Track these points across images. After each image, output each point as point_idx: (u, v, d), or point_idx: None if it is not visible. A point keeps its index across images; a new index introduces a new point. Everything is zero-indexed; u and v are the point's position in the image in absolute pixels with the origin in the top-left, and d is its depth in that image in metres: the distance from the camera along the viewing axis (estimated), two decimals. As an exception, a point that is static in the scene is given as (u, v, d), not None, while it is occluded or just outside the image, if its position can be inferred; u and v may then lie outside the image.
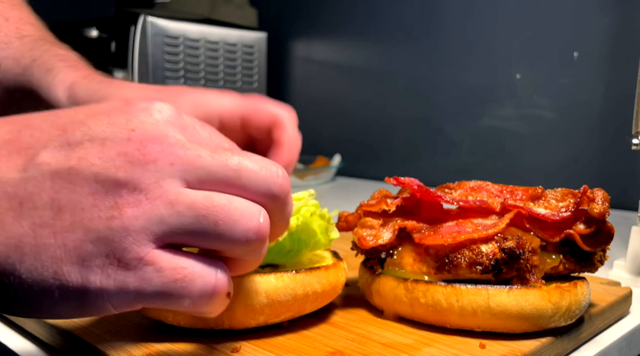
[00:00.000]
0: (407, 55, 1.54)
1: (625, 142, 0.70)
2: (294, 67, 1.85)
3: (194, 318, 0.45)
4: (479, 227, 0.50)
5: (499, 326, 0.47)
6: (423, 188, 0.54)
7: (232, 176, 0.33)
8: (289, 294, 0.46)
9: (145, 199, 0.31)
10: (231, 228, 0.32)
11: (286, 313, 0.47)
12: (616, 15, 1.18)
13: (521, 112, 1.34)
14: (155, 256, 0.31)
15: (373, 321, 0.51)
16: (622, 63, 1.17)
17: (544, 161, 1.31)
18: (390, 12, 1.56)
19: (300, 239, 0.49)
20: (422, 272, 0.50)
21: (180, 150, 0.32)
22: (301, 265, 0.51)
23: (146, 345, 0.45)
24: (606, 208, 0.49)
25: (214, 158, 0.33)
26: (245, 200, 0.33)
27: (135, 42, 1.41)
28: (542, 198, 0.52)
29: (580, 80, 1.24)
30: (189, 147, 0.33)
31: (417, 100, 1.53)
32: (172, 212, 0.31)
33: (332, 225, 0.51)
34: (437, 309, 0.48)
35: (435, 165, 1.49)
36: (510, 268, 0.48)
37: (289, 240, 0.48)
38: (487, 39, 1.38)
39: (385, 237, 0.52)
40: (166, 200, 0.31)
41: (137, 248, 0.30)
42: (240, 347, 0.45)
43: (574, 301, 0.48)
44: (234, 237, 0.32)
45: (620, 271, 0.71)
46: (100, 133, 0.32)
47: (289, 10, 1.84)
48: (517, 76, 1.33)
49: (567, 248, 0.50)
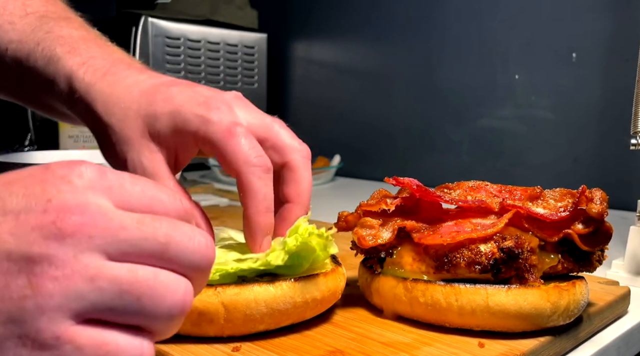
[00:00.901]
0: (407, 56, 1.54)
1: (624, 142, 0.71)
2: (294, 68, 1.85)
3: (194, 328, 0.45)
4: (477, 227, 0.50)
5: (498, 326, 0.48)
6: (422, 188, 0.54)
7: (158, 249, 0.31)
8: (289, 302, 0.46)
9: (62, 275, 0.28)
10: (156, 304, 0.30)
11: (286, 321, 0.47)
12: (615, 16, 1.18)
13: (520, 112, 1.34)
14: (74, 333, 0.29)
15: (373, 320, 0.52)
16: (621, 63, 1.17)
17: (543, 161, 1.31)
18: (390, 13, 1.57)
19: (300, 256, 0.48)
20: (422, 272, 0.51)
21: (102, 221, 0.30)
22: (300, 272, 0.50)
23: (147, 344, 0.45)
24: (604, 208, 0.49)
25: (140, 230, 0.30)
26: (171, 272, 0.31)
27: (137, 43, 1.41)
28: (540, 198, 0.52)
29: (579, 80, 1.24)
30: (112, 217, 0.30)
31: (416, 101, 1.53)
32: (93, 287, 0.29)
33: (330, 241, 0.50)
34: (436, 308, 0.48)
35: (434, 165, 1.50)
36: (509, 267, 0.48)
37: (289, 259, 0.47)
38: (487, 40, 1.38)
39: (385, 236, 0.52)
40: (85, 275, 0.29)
41: (52, 327, 0.28)
42: (240, 346, 0.45)
43: (572, 300, 0.48)
44: (157, 313, 0.30)
45: (619, 270, 0.71)
46: (15, 206, 0.29)
47: (289, 12, 1.84)
48: (516, 77, 1.34)
49: (565, 248, 0.51)
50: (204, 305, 0.44)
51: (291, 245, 0.46)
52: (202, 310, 0.44)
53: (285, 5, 1.85)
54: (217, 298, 0.44)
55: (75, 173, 0.31)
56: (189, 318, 0.44)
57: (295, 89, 1.85)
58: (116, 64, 0.52)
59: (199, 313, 0.44)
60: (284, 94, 1.87)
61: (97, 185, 0.31)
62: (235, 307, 0.44)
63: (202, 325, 0.45)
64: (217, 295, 0.44)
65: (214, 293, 0.44)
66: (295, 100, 1.85)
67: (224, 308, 0.44)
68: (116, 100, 0.49)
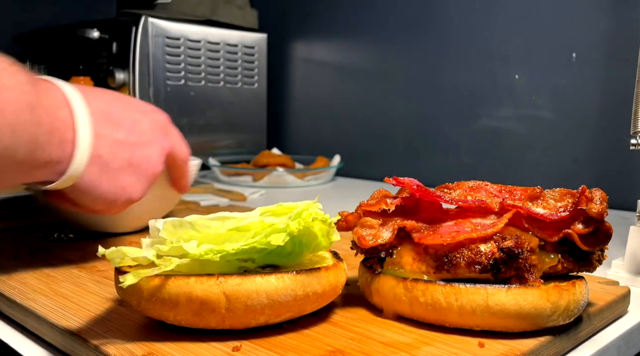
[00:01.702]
0: (407, 56, 1.54)
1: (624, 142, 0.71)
2: (294, 68, 1.85)
3: (195, 317, 0.46)
4: (477, 227, 0.50)
5: (498, 325, 0.48)
6: (422, 188, 0.54)
7: None
8: (290, 295, 0.46)
9: None
10: None
11: (287, 313, 0.47)
12: (615, 16, 1.18)
13: (520, 112, 1.34)
14: None
15: (373, 320, 0.52)
16: (621, 63, 1.17)
17: (543, 161, 1.31)
18: (390, 13, 1.57)
19: (302, 242, 0.49)
20: (422, 271, 0.51)
21: None
22: (301, 265, 0.51)
23: (147, 344, 0.45)
24: (604, 208, 0.49)
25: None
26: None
27: (137, 43, 1.41)
28: (540, 198, 0.52)
29: (579, 80, 1.24)
30: None
31: (416, 101, 1.53)
32: None
33: (333, 228, 0.51)
34: (436, 308, 0.48)
35: (434, 165, 1.50)
36: (509, 267, 0.48)
37: (290, 243, 0.48)
38: (486, 40, 1.38)
39: (385, 236, 0.52)
40: None
41: None
42: (240, 346, 0.45)
43: (572, 300, 0.48)
44: None
45: (619, 270, 0.71)
46: None
47: (289, 12, 1.84)
48: (515, 77, 1.34)
49: (565, 248, 0.51)
50: (205, 295, 0.44)
51: (293, 227, 0.47)
52: (204, 300, 0.44)
53: (285, 5, 1.85)
54: (219, 288, 0.45)
55: None
56: (190, 307, 0.44)
57: (295, 89, 1.85)
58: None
59: (201, 303, 0.45)
60: (284, 94, 1.87)
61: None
62: (237, 297, 0.45)
63: (203, 314, 0.45)
64: (219, 284, 0.45)
65: (216, 282, 0.45)
66: (295, 100, 1.85)
67: (225, 298, 0.45)
68: None
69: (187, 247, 0.46)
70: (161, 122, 0.67)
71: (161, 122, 0.67)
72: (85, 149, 0.56)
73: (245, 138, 1.73)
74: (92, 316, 0.51)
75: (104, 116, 0.59)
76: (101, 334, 0.47)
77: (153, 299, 0.45)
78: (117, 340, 0.46)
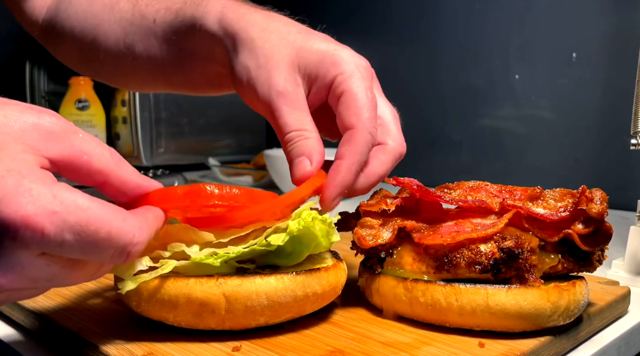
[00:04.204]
0: (407, 56, 1.54)
1: (624, 142, 0.71)
2: (294, 68, 1.85)
3: (195, 318, 0.45)
4: (478, 227, 0.50)
5: (498, 326, 0.48)
6: (422, 188, 0.54)
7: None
8: (289, 295, 0.46)
9: None
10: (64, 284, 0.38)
11: (286, 314, 0.47)
12: (615, 16, 1.18)
13: (520, 112, 1.34)
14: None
15: (373, 320, 0.52)
16: (621, 63, 1.17)
17: (543, 161, 1.31)
18: (390, 13, 1.57)
19: (302, 242, 0.49)
20: (422, 272, 0.51)
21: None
22: (301, 266, 0.51)
23: (147, 344, 0.45)
24: (605, 208, 0.49)
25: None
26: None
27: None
28: (541, 198, 0.52)
29: (579, 80, 1.24)
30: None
31: (416, 101, 1.53)
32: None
33: (333, 228, 0.50)
34: (436, 308, 0.48)
35: (434, 165, 1.50)
36: (509, 267, 0.48)
37: (290, 243, 0.48)
38: (486, 40, 1.38)
39: (385, 236, 0.52)
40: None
41: None
42: (240, 346, 0.45)
43: (572, 300, 0.48)
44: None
45: (619, 270, 0.71)
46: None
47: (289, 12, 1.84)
48: (516, 77, 1.34)
49: (565, 248, 0.51)
50: (205, 296, 0.44)
51: (293, 227, 0.46)
52: (204, 301, 0.44)
53: (285, 6, 1.85)
54: (218, 289, 0.44)
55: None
56: (190, 308, 0.44)
57: (295, 89, 1.85)
58: (260, 8, 0.56)
59: (201, 304, 0.44)
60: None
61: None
62: (237, 299, 0.45)
63: (203, 315, 0.45)
64: (218, 286, 0.44)
65: (216, 284, 0.44)
66: (295, 100, 1.85)
67: (225, 299, 0.45)
68: (274, 29, 0.52)
69: (189, 251, 0.46)
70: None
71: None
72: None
73: (245, 138, 1.73)
74: (92, 316, 0.51)
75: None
76: (101, 334, 0.47)
77: (153, 300, 0.45)
78: (117, 340, 0.46)
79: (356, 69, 0.50)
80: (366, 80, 0.51)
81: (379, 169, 0.51)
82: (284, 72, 0.50)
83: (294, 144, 0.49)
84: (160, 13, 0.62)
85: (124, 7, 0.65)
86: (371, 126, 0.48)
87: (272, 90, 0.49)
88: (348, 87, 0.49)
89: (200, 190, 0.45)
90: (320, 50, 0.51)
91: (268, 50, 0.51)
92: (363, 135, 0.48)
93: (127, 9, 0.65)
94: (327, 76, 0.50)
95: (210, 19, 0.55)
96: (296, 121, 0.49)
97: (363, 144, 0.48)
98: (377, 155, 0.51)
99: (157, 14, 0.62)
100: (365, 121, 0.48)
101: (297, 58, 0.51)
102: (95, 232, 0.35)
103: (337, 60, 0.50)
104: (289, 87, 0.49)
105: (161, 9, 0.62)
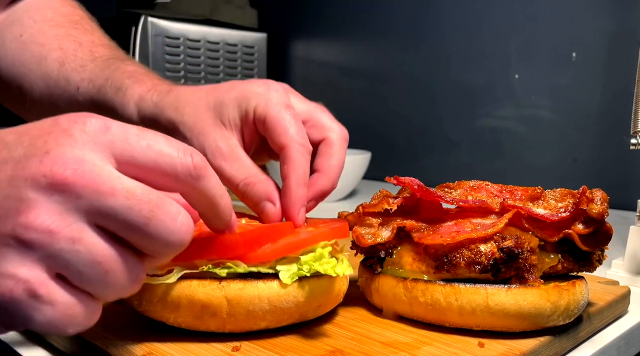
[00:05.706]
0: (407, 56, 1.54)
1: (624, 142, 0.71)
2: (294, 68, 1.85)
3: (196, 321, 0.45)
4: (478, 227, 0.50)
5: (498, 326, 0.48)
6: (423, 188, 0.54)
7: (140, 222, 0.33)
8: (292, 302, 0.46)
9: (46, 230, 0.31)
10: (114, 286, 0.33)
11: (288, 320, 0.47)
12: (615, 16, 1.18)
13: (520, 112, 1.34)
14: (47, 287, 0.32)
15: (373, 320, 0.52)
16: (621, 63, 1.17)
17: (543, 161, 1.31)
18: (390, 13, 1.57)
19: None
20: (422, 272, 0.50)
21: (93, 182, 0.31)
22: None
23: (148, 344, 0.45)
24: (605, 209, 0.49)
25: (128, 200, 0.32)
26: (135, 259, 0.34)
27: (137, 42, 1.41)
28: (541, 198, 0.52)
29: (579, 80, 1.24)
30: (105, 179, 0.31)
31: (417, 101, 1.53)
32: (71, 249, 0.31)
33: (343, 262, 0.50)
34: (436, 308, 0.48)
35: (435, 165, 1.50)
36: (509, 267, 0.48)
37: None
38: (487, 40, 1.38)
39: (384, 235, 0.52)
40: (68, 235, 0.31)
41: (30, 278, 0.31)
42: (240, 346, 0.45)
43: (572, 300, 0.48)
44: (108, 288, 0.34)
45: (619, 270, 0.71)
46: (18, 155, 0.31)
47: (289, 12, 1.84)
48: (516, 77, 1.34)
49: (565, 248, 0.51)
50: (207, 299, 0.44)
51: (305, 271, 0.46)
52: (206, 303, 0.44)
53: (285, 5, 1.85)
54: (221, 293, 0.44)
55: (78, 127, 0.32)
56: (191, 310, 0.44)
57: (295, 89, 1.85)
58: (177, 87, 0.59)
59: (203, 306, 0.44)
60: (284, 94, 1.87)
61: (100, 140, 0.33)
62: (239, 303, 0.45)
63: (204, 318, 0.45)
64: (221, 289, 0.44)
65: (219, 287, 0.44)
66: (295, 100, 1.85)
67: (227, 303, 0.44)
68: (185, 103, 0.56)
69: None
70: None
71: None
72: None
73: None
74: (92, 317, 0.51)
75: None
76: (101, 334, 0.47)
77: (155, 301, 0.45)
78: (117, 340, 0.46)
79: (267, 93, 0.54)
80: (281, 99, 0.54)
81: (334, 161, 0.56)
82: (211, 133, 0.54)
83: (248, 194, 0.52)
84: (84, 84, 0.64)
85: (51, 66, 0.67)
86: (299, 138, 0.52)
87: (208, 153, 0.53)
88: (268, 114, 0.52)
89: (225, 242, 0.44)
90: (232, 98, 0.54)
91: (189, 124, 0.55)
92: (296, 150, 0.52)
93: (53, 68, 0.67)
94: (249, 114, 0.53)
95: (130, 109, 0.59)
96: (238, 172, 0.52)
97: (299, 158, 0.52)
98: (326, 151, 0.56)
99: (81, 83, 0.64)
100: (293, 136, 0.52)
101: (217, 115, 0.54)
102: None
103: (249, 96, 0.54)
104: (220, 145, 0.53)
105: (85, 80, 0.64)
